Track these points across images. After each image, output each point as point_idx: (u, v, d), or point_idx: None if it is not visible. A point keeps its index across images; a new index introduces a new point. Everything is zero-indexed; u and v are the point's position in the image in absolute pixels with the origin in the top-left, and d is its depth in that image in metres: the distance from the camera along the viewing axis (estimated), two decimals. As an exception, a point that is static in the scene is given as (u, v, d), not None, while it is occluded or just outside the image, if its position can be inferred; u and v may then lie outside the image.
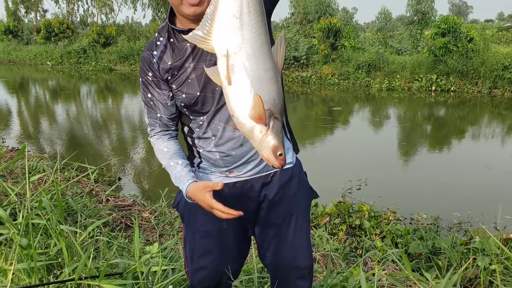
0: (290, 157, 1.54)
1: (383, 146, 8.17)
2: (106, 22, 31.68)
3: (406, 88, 14.87)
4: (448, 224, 4.20)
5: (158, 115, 1.48)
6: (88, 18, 35.65)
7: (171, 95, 1.44)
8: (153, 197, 4.92)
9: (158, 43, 1.41)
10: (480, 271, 2.63)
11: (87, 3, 31.31)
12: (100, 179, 4.94)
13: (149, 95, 1.46)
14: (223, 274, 1.59)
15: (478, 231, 3.45)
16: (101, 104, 13.82)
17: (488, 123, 10.68)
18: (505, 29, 25.04)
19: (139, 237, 3.12)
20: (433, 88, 14.44)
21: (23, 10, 35.20)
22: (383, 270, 2.87)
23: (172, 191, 4.67)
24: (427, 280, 2.29)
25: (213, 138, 1.45)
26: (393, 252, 3.00)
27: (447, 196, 5.32)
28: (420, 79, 14.78)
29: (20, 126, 9.97)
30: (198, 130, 1.48)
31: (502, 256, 2.78)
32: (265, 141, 1.12)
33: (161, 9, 28.91)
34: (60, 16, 31.82)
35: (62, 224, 2.33)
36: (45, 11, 35.96)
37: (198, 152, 1.53)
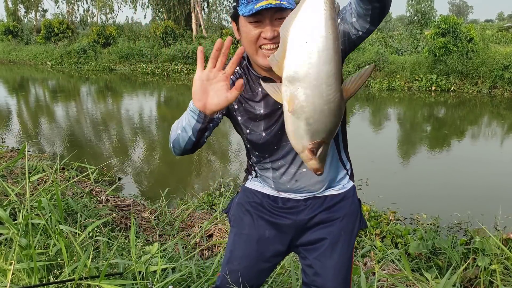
0: (341, 185, 1.54)
1: (383, 146, 8.17)
2: (106, 22, 31.70)
3: (406, 88, 14.87)
4: (448, 224, 4.20)
5: None
6: (88, 18, 35.70)
7: (220, 117, 1.37)
8: (153, 197, 4.92)
9: (233, 78, 1.36)
10: (480, 271, 2.62)
11: (87, 3, 31.37)
12: (100, 179, 4.94)
13: None
14: (251, 282, 1.58)
15: (478, 231, 3.45)
16: (101, 104, 13.82)
17: (488, 123, 10.68)
18: (505, 29, 25.04)
19: (139, 237, 3.12)
20: (433, 88, 14.44)
21: (23, 10, 35.26)
22: (383, 270, 2.87)
23: (172, 191, 4.68)
24: (427, 280, 2.29)
25: (271, 170, 1.50)
26: (392, 252, 2.99)
27: (447, 196, 5.32)
28: (420, 79, 14.78)
29: (20, 126, 9.97)
30: (257, 158, 1.52)
31: (502, 256, 2.78)
32: (310, 163, 1.22)
33: (161, 9, 28.92)
34: (60, 16, 31.85)
35: (62, 224, 2.33)
36: (45, 11, 36.06)
37: (255, 170, 1.58)
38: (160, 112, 12.45)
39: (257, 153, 1.49)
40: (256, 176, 1.60)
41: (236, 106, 1.40)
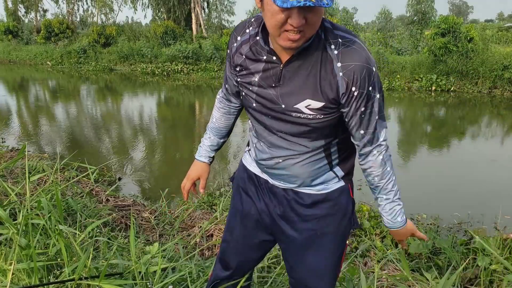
0: (323, 186, 1.44)
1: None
2: (106, 22, 31.70)
3: (406, 88, 14.88)
4: (448, 224, 4.20)
5: (226, 86, 1.54)
6: (88, 18, 35.71)
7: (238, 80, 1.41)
8: (153, 197, 4.92)
9: (247, 31, 1.35)
10: (480, 271, 2.62)
11: (87, 3, 31.34)
12: (100, 179, 4.94)
13: (226, 66, 1.49)
14: (242, 259, 1.61)
15: (478, 231, 3.45)
16: (101, 104, 13.82)
17: (488, 123, 10.68)
18: (505, 29, 25.05)
19: (139, 237, 3.12)
20: (433, 88, 14.45)
21: (23, 10, 35.25)
22: (383, 270, 2.87)
23: (172, 192, 4.67)
24: (427, 280, 2.29)
25: (256, 138, 1.46)
26: (392, 253, 2.99)
27: (447, 196, 5.32)
28: (420, 79, 14.79)
29: (20, 126, 9.97)
30: (250, 125, 1.51)
31: (502, 256, 2.78)
32: None
33: (161, 9, 28.93)
34: (60, 16, 31.85)
35: (62, 224, 2.32)
36: (45, 11, 35.98)
37: (251, 138, 1.56)
38: (160, 112, 12.45)
39: (250, 118, 1.46)
40: (249, 150, 1.58)
41: (239, 67, 1.37)
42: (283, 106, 1.28)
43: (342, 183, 1.47)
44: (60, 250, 1.97)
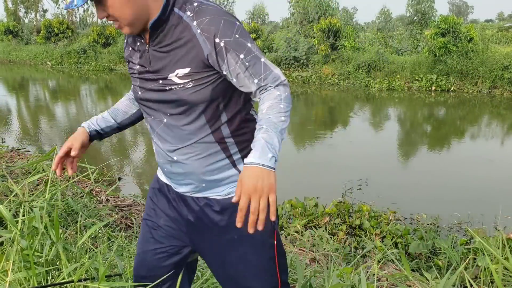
0: (227, 188, 1.32)
1: (383, 146, 8.17)
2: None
3: (406, 88, 14.88)
4: (448, 224, 4.20)
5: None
6: (88, 18, 35.71)
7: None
8: (153, 197, 4.91)
9: None
10: (480, 271, 2.62)
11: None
12: (100, 179, 4.94)
13: None
14: (150, 272, 1.48)
15: (478, 231, 3.45)
16: (101, 104, 13.81)
17: (488, 123, 10.68)
18: (505, 29, 25.06)
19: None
20: (433, 88, 14.45)
21: (23, 10, 35.25)
22: (383, 270, 2.87)
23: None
24: (427, 280, 2.29)
25: (151, 136, 1.41)
26: (392, 253, 2.99)
27: (447, 196, 5.32)
28: (420, 79, 14.79)
29: (20, 126, 9.97)
30: None
31: (502, 256, 2.78)
32: None
33: (161, 9, 28.88)
34: (60, 16, 31.83)
35: (61, 225, 2.33)
36: (45, 11, 35.95)
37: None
38: (160, 112, 12.43)
39: (143, 113, 1.40)
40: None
41: (128, 60, 1.38)
42: (160, 82, 1.25)
43: None
44: (60, 251, 1.97)
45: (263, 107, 1.18)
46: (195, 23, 1.17)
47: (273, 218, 1.09)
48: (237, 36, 1.17)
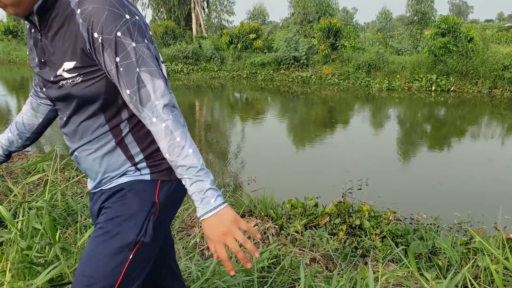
0: (128, 178, 1.24)
1: (383, 146, 8.17)
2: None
3: (406, 88, 14.88)
4: (448, 224, 4.20)
5: (35, 78, 1.35)
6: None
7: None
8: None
9: None
10: (480, 271, 2.62)
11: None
12: (100, 179, 4.93)
13: None
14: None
15: (478, 231, 3.45)
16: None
17: (488, 123, 10.68)
18: (505, 29, 25.07)
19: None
20: (433, 88, 14.45)
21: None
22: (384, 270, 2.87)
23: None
24: (427, 280, 2.29)
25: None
26: (397, 252, 2.99)
27: (447, 196, 5.32)
28: (420, 79, 14.79)
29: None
30: None
31: (502, 256, 2.78)
32: None
33: (161, 9, 28.94)
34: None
35: (61, 225, 2.33)
36: (45, 11, 35.96)
37: None
38: (160, 112, 12.43)
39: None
40: None
41: (28, 52, 1.26)
42: (54, 76, 1.15)
43: (147, 177, 1.23)
44: (59, 251, 1.97)
45: (161, 148, 1.09)
46: (79, 11, 1.07)
47: (258, 236, 1.09)
48: (118, 34, 1.05)
